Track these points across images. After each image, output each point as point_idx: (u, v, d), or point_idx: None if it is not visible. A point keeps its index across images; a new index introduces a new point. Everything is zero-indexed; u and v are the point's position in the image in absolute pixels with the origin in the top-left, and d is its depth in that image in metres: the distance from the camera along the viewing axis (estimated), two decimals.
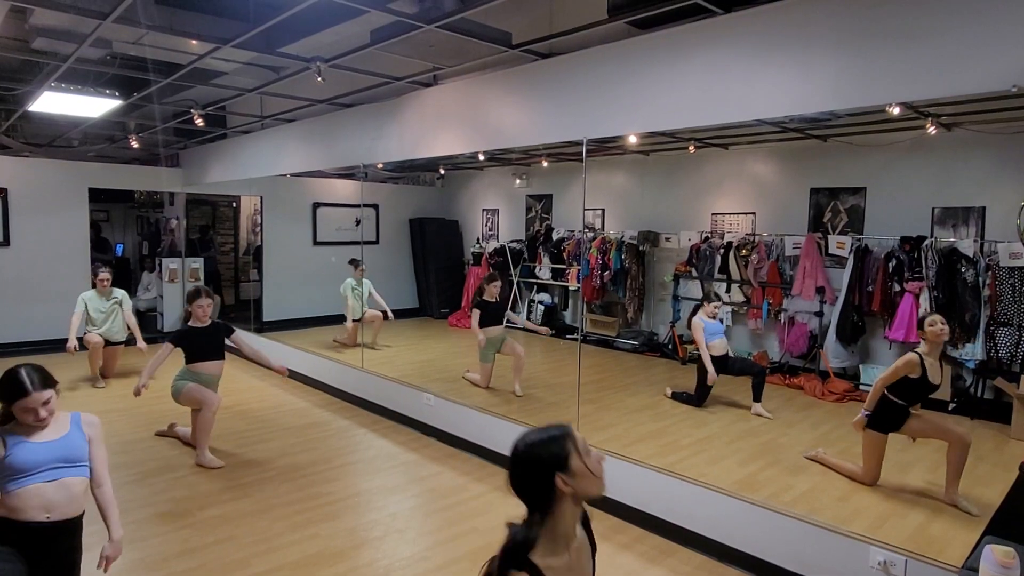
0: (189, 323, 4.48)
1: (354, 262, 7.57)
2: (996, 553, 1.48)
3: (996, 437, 4.84)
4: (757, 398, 5.31)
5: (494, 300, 5.77)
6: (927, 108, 4.79)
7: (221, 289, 10.69)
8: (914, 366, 3.59)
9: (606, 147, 7.32)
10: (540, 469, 1.32)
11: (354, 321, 7.38)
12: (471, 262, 9.97)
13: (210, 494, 3.79)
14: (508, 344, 5.74)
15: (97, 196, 8.68)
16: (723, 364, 5.38)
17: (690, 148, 6.97)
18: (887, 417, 3.73)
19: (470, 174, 10.47)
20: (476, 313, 5.67)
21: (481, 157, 7.96)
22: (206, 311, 4.45)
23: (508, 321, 6.52)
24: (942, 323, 3.64)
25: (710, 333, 5.36)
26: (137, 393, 4.27)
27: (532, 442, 1.36)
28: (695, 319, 5.45)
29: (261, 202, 9.13)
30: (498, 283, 5.84)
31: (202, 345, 4.42)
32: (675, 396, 5.65)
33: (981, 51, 2.47)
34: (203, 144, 8.73)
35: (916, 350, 3.67)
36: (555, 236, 8.87)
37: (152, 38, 4.21)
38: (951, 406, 5.37)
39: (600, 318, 8.37)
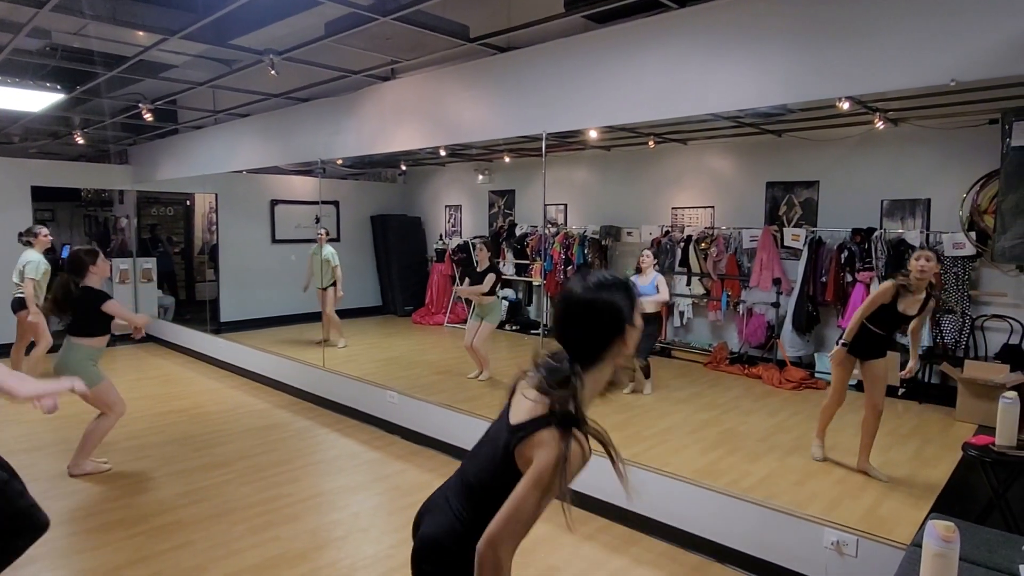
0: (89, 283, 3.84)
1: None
2: (938, 528, 1.54)
3: (942, 420, 5.04)
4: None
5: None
6: (875, 103, 4.94)
7: (176, 289, 10.41)
8: (886, 293, 3.58)
9: (567, 142, 7.35)
10: (615, 317, 1.22)
11: (319, 289, 7.31)
12: (434, 259, 9.90)
13: (165, 500, 3.68)
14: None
15: (41, 195, 8.32)
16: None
17: (650, 143, 7.05)
18: (864, 345, 3.74)
19: (432, 170, 10.39)
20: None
21: (442, 152, 7.91)
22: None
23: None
24: (926, 259, 3.50)
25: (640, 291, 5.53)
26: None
27: (614, 284, 1.25)
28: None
29: (216, 199, 8.89)
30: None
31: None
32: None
33: (922, 47, 2.56)
34: (153, 140, 8.45)
35: (897, 280, 3.60)
36: (518, 231, 8.88)
37: (94, 28, 4.06)
38: (900, 391, 5.56)
39: None
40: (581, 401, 1.22)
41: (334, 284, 7.34)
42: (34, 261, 5.61)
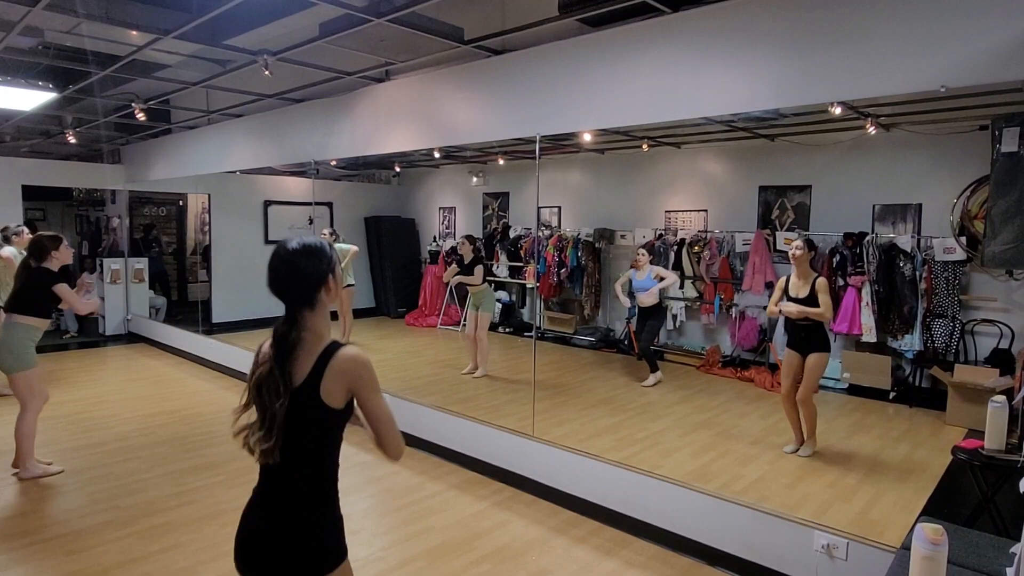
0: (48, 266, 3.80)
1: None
2: (926, 531, 1.55)
3: (933, 423, 5.06)
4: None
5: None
6: (866, 108, 4.97)
7: (169, 290, 10.36)
8: (780, 283, 4.29)
9: (561, 145, 7.36)
10: (316, 274, 1.48)
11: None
12: (428, 261, 9.89)
13: (155, 501, 3.66)
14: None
15: (32, 194, 8.27)
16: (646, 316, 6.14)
17: (644, 146, 7.07)
18: (792, 337, 4.24)
19: (426, 172, 10.39)
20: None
21: (437, 154, 7.91)
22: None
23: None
24: (798, 248, 4.17)
25: (637, 286, 6.06)
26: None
27: (312, 249, 1.49)
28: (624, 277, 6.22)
29: (209, 200, 8.86)
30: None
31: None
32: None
33: (912, 53, 2.58)
34: (146, 140, 8.42)
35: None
36: (512, 234, 8.88)
37: (87, 27, 4.04)
38: (891, 395, 5.60)
39: (557, 315, 8.42)
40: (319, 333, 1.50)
41: (350, 285, 7.33)
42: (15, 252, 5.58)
